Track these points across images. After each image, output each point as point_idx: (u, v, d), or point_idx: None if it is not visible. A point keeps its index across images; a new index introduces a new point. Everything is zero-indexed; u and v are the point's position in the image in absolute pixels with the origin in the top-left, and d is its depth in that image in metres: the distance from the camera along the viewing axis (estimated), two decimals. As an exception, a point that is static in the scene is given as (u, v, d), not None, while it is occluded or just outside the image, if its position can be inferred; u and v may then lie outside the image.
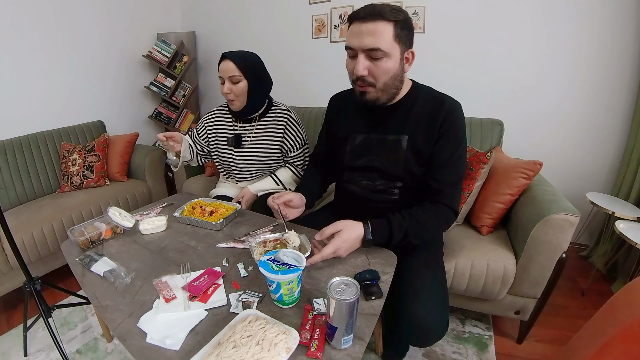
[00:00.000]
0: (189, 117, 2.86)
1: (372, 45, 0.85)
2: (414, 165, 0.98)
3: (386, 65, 0.88)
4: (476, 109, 1.82)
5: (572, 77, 1.85)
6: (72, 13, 2.24)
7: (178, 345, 0.68)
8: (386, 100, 0.96)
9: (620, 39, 1.71)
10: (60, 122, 2.17)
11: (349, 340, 0.66)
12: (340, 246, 0.86)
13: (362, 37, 0.86)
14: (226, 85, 1.31)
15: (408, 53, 0.91)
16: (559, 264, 1.14)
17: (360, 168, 1.06)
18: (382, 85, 0.91)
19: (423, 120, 0.96)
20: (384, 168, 1.02)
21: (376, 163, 1.02)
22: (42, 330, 1.43)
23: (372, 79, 0.91)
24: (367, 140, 1.04)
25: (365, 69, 0.89)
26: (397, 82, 0.94)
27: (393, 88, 0.94)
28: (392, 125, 1.00)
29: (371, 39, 0.85)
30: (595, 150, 1.90)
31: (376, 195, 1.05)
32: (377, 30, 0.84)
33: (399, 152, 0.99)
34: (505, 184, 1.34)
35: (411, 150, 0.97)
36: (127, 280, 0.87)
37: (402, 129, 0.98)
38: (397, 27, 0.85)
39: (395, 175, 1.01)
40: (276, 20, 2.57)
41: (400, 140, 0.98)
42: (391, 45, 0.86)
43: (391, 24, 0.85)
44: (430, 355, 1.30)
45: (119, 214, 1.11)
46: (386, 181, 1.03)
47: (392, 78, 0.91)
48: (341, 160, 1.11)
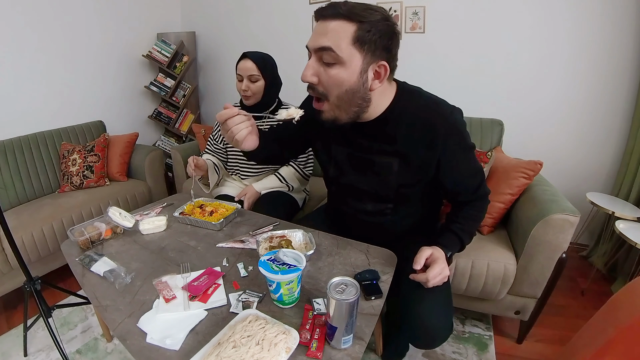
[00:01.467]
0: (189, 117, 2.86)
1: (322, 43, 0.71)
2: (408, 188, 0.90)
3: (338, 75, 0.72)
4: (476, 109, 1.82)
5: (572, 77, 1.85)
6: (72, 13, 2.24)
7: (178, 345, 0.68)
8: (348, 120, 0.79)
9: (620, 38, 1.71)
10: (60, 122, 2.17)
11: (349, 340, 0.66)
12: (444, 266, 0.81)
13: (316, 35, 0.73)
14: (244, 83, 1.37)
15: (379, 66, 0.74)
16: (559, 264, 1.14)
17: (348, 186, 0.98)
18: (336, 99, 0.75)
19: (417, 142, 0.82)
20: (373, 191, 0.94)
21: (363, 185, 0.94)
22: (42, 330, 1.43)
23: (322, 89, 0.76)
24: (351, 157, 0.92)
25: (314, 75, 0.74)
26: (358, 100, 0.76)
27: (352, 106, 0.77)
28: (380, 146, 0.86)
29: (322, 37, 0.71)
30: (595, 150, 1.90)
31: (367, 216, 1.00)
32: (333, 29, 0.70)
33: (390, 176, 0.88)
34: (506, 183, 1.34)
35: (404, 174, 0.87)
36: (127, 280, 0.87)
37: (392, 150, 0.85)
38: (362, 29, 0.69)
39: (385, 197, 0.94)
40: (276, 20, 2.57)
41: (391, 163, 0.86)
42: (348, 50, 0.70)
43: (353, 25, 0.69)
44: (430, 355, 1.30)
45: (119, 214, 1.11)
46: (376, 203, 0.97)
47: (347, 93, 0.74)
48: (326, 173, 1.04)
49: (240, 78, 1.38)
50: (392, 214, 0.98)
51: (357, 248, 0.99)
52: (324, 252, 0.97)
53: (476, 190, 0.92)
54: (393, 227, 1.02)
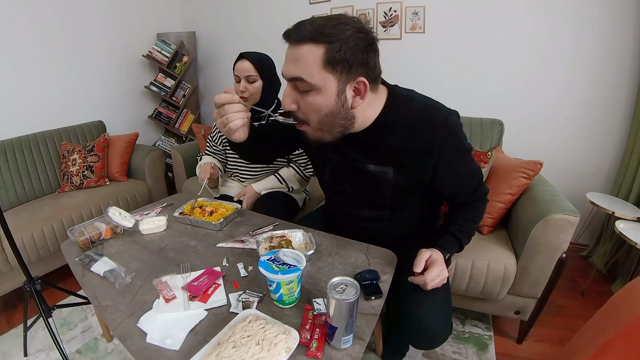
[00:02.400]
0: (189, 117, 2.86)
1: (293, 73, 0.69)
2: (403, 196, 0.89)
3: (314, 101, 0.70)
4: (476, 109, 1.82)
5: (572, 77, 1.85)
6: (72, 13, 2.24)
7: (178, 345, 0.68)
8: (333, 140, 0.78)
9: (620, 39, 1.71)
10: (60, 122, 2.17)
11: (349, 340, 0.66)
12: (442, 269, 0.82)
13: (287, 63, 0.70)
14: (242, 84, 1.35)
15: (357, 83, 0.70)
16: (559, 264, 1.14)
17: (344, 192, 0.98)
18: (317, 124, 0.74)
19: (411, 149, 0.80)
20: (368, 199, 0.93)
21: (359, 192, 0.93)
22: (42, 330, 1.43)
23: (302, 116, 0.74)
24: (346, 165, 0.90)
25: (293, 103, 0.73)
26: (340, 121, 0.74)
27: (336, 127, 0.74)
28: (373, 155, 0.84)
29: (294, 66, 0.68)
30: (595, 150, 1.90)
31: (364, 222, 1.00)
32: (301, 55, 0.67)
33: (385, 185, 0.87)
34: (506, 183, 1.34)
35: (399, 182, 0.85)
36: (127, 280, 0.87)
37: (386, 160, 0.83)
38: (331, 50, 0.65)
39: (380, 205, 0.93)
40: (276, 21, 2.57)
41: (385, 172, 0.85)
42: (319, 75, 0.67)
43: (321, 48, 0.65)
44: (430, 355, 1.30)
45: (119, 214, 1.11)
46: (372, 210, 0.96)
47: (327, 116, 0.72)
48: (321, 177, 1.02)
49: (238, 79, 1.36)
50: (389, 220, 0.97)
51: (357, 248, 0.99)
52: (324, 252, 0.97)
53: (474, 191, 0.92)
54: (390, 232, 1.01)
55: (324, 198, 1.71)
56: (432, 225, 1.09)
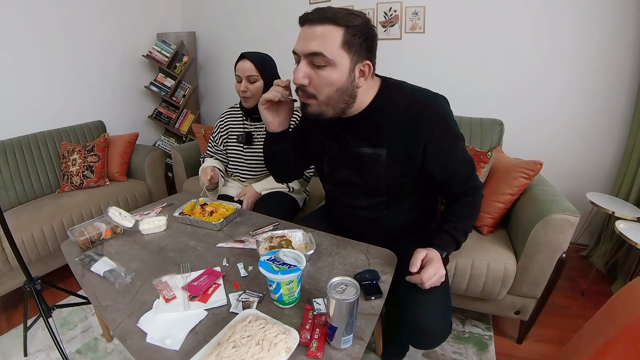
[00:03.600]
0: (189, 117, 2.86)
1: (313, 49, 0.76)
2: (397, 179, 0.92)
3: (330, 76, 0.77)
4: (476, 109, 1.82)
5: (572, 77, 1.85)
6: (72, 13, 2.24)
7: (178, 345, 0.68)
8: (334, 115, 0.84)
9: (620, 39, 1.71)
10: (60, 122, 2.17)
11: (349, 340, 0.66)
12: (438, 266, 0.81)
13: (305, 40, 0.78)
14: (243, 84, 1.36)
15: (363, 65, 0.80)
16: (559, 264, 1.14)
17: (341, 182, 1.00)
18: (325, 98, 0.80)
19: (401, 129, 0.85)
20: (364, 184, 0.95)
21: (355, 179, 0.96)
22: (42, 330, 1.43)
23: (312, 90, 0.80)
24: (342, 153, 0.96)
25: (305, 77, 0.79)
26: (346, 97, 0.82)
27: (341, 103, 0.82)
28: (366, 137, 0.90)
29: (314, 43, 0.76)
30: (595, 150, 1.90)
31: (362, 211, 1.01)
32: (323, 34, 0.75)
33: (379, 168, 0.90)
34: (506, 183, 1.34)
35: (393, 164, 0.89)
36: (127, 280, 0.87)
37: (379, 142, 0.88)
38: (348, 33, 0.75)
39: (378, 190, 0.95)
40: (276, 20, 2.57)
41: (379, 154, 0.89)
42: (337, 53, 0.76)
43: (341, 29, 0.75)
44: (430, 355, 1.30)
45: (119, 214, 1.11)
46: (369, 198, 0.98)
47: (337, 92, 0.80)
48: (321, 171, 1.06)
49: (239, 79, 1.37)
50: (387, 209, 0.98)
51: (357, 248, 0.99)
52: (324, 252, 0.97)
53: (467, 180, 0.92)
54: (389, 224, 1.02)
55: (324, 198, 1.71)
56: (429, 223, 1.10)
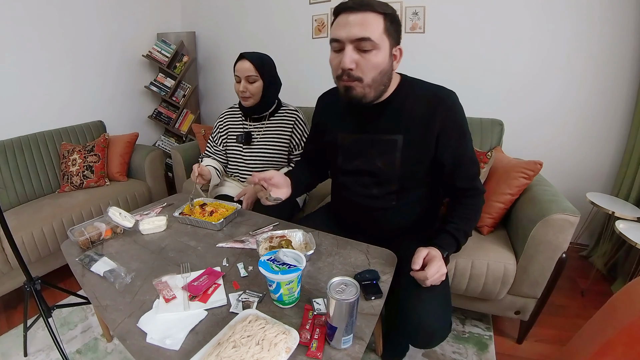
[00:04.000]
0: (189, 117, 2.86)
1: (361, 34, 0.80)
2: (412, 165, 0.95)
3: (376, 59, 0.82)
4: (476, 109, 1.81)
5: (572, 77, 1.85)
6: (72, 13, 2.24)
7: (178, 345, 0.68)
8: (373, 98, 0.89)
9: (620, 38, 1.71)
10: (60, 122, 2.17)
11: (349, 340, 0.66)
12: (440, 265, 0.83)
13: (350, 27, 0.80)
14: (242, 84, 1.35)
15: (396, 50, 0.87)
16: (559, 264, 1.14)
17: (354, 172, 1.02)
18: (370, 80, 0.85)
19: (418, 118, 0.90)
20: (378, 171, 0.97)
21: (370, 166, 0.98)
22: (42, 330, 1.43)
23: (359, 73, 0.84)
24: (359, 141, 0.99)
25: (352, 62, 0.82)
26: (386, 79, 0.88)
27: (381, 85, 0.88)
28: (385, 125, 0.94)
29: (360, 28, 0.80)
30: (595, 150, 1.90)
31: (372, 201, 1.02)
32: (367, 20, 0.80)
33: (395, 153, 0.94)
34: (506, 183, 1.34)
35: (408, 150, 0.93)
36: (127, 280, 0.87)
37: (396, 128, 0.93)
38: (387, 20, 0.82)
39: (391, 178, 0.97)
40: (276, 20, 2.57)
41: (395, 140, 0.93)
42: (381, 37, 0.81)
43: (381, 16, 0.81)
44: (430, 355, 1.30)
45: (119, 214, 1.11)
46: (381, 188, 0.99)
47: (380, 74, 0.85)
48: (334, 163, 1.07)
49: (238, 79, 1.37)
50: (397, 200, 1.00)
51: (357, 248, 0.99)
52: (324, 252, 0.97)
53: (472, 179, 0.95)
54: (395, 216, 1.03)
55: (324, 198, 1.72)
56: (432, 222, 1.11)
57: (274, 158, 1.49)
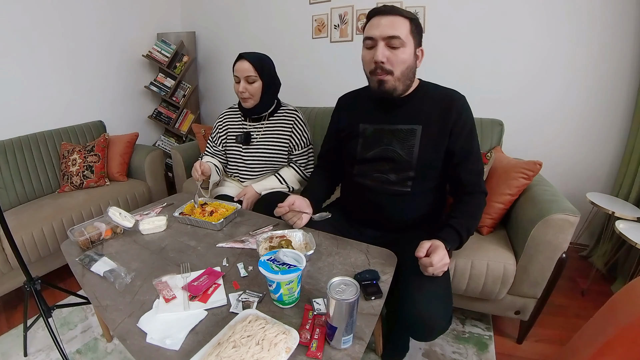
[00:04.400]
0: (189, 117, 2.86)
1: (392, 33, 0.93)
2: (429, 153, 1.02)
3: (403, 55, 0.95)
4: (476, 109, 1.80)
5: (572, 77, 1.85)
6: (72, 13, 2.24)
7: (178, 345, 0.68)
8: (402, 91, 1.01)
9: (620, 39, 1.71)
10: (60, 122, 2.17)
11: (349, 340, 0.66)
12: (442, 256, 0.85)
13: (383, 27, 0.94)
14: (242, 85, 1.35)
15: (419, 50, 1.00)
16: (559, 264, 1.14)
17: (373, 159, 1.09)
18: (400, 74, 0.97)
19: (435, 112, 1.02)
20: (396, 157, 1.04)
21: (389, 153, 1.05)
22: (42, 330, 1.43)
23: (390, 67, 0.96)
24: (379, 131, 1.08)
25: (384, 56, 0.95)
26: (412, 75, 1.00)
27: (408, 79, 1.00)
28: (404, 116, 1.05)
29: (391, 28, 0.94)
30: (595, 150, 1.89)
31: (388, 187, 1.07)
32: (396, 22, 0.94)
33: (414, 141, 1.03)
34: (505, 184, 1.34)
35: (426, 139, 1.02)
36: (127, 280, 0.87)
37: (415, 119, 1.03)
38: (412, 23, 0.95)
39: (408, 164, 1.03)
40: (276, 20, 2.57)
41: (414, 129, 1.03)
42: (407, 37, 0.94)
43: (407, 20, 0.95)
44: (430, 355, 1.30)
45: (119, 214, 1.12)
46: (398, 173, 1.05)
47: (407, 69, 0.98)
48: (353, 154, 1.13)
49: (238, 79, 1.36)
50: (412, 186, 1.05)
51: (357, 248, 0.99)
52: (324, 252, 0.97)
53: (478, 174, 1.03)
54: (409, 206, 1.08)
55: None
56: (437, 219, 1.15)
57: (274, 158, 1.49)
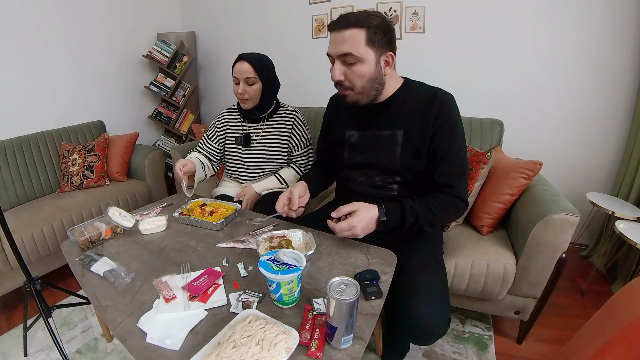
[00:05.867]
0: (189, 117, 2.86)
1: (344, 50, 0.90)
2: (410, 159, 1.00)
3: (360, 70, 0.92)
4: (476, 109, 1.82)
5: (572, 77, 1.85)
6: (72, 13, 2.24)
7: (178, 345, 0.68)
8: (367, 102, 0.99)
9: (620, 39, 1.71)
10: (60, 122, 2.17)
11: (349, 340, 0.66)
12: (356, 225, 0.88)
13: (335, 44, 0.92)
14: (241, 86, 1.34)
15: (387, 56, 0.94)
16: (559, 264, 1.14)
17: (359, 165, 1.09)
18: (360, 88, 0.95)
19: (416, 115, 0.98)
20: (381, 164, 1.04)
21: (373, 160, 1.05)
22: (42, 330, 1.43)
23: (348, 83, 0.95)
24: (363, 137, 1.07)
25: (341, 74, 0.94)
26: (376, 85, 0.96)
27: (372, 90, 0.97)
28: (386, 122, 1.02)
29: (344, 45, 0.90)
30: (595, 150, 1.90)
31: (374, 191, 1.07)
32: (349, 37, 0.89)
33: (395, 147, 1.01)
34: (505, 184, 1.34)
35: (407, 144, 0.99)
36: (127, 280, 0.87)
37: (396, 125, 1.01)
38: (370, 32, 0.89)
39: (392, 170, 1.03)
40: (276, 20, 2.57)
41: (396, 135, 1.01)
42: (364, 50, 0.90)
43: (363, 30, 0.89)
44: (430, 355, 1.30)
45: (119, 214, 1.11)
46: (384, 176, 1.05)
47: (369, 81, 0.94)
48: (340, 159, 1.14)
49: (237, 81, 1.35)
50: (399, 190, 1.05)
51: (357, 248, 0.99)
52: (324, 252, 0.97)
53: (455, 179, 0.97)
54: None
55: (324, 198, 1.72)
56: None
57: (273, 159, 1.49)
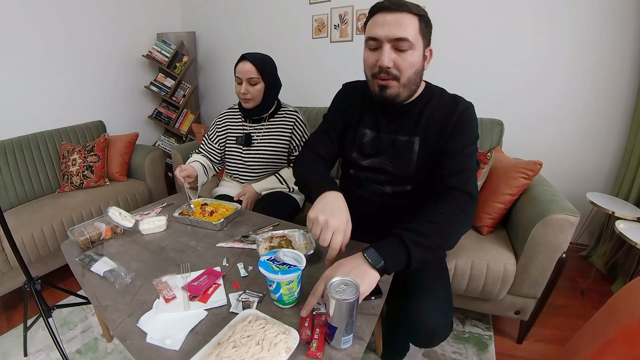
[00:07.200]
0: (189, 117, 2.86)
1: (399, 34, 0.81)
2: (426, 167, 0.93)
3: (412, 58, 0.84)
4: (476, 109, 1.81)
5: (572, 77, 1.85)
6: (72, 13, 2.24)
7: (178, 345, 0.68)
8: (406, 98, 0.91)
9: (620, 38, 1.71)
10: (60, 122, 2.18)
11: (349, 340, 0.66)
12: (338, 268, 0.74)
13: (389, 26, 0.82)
14: (243, 86, 1.34)
15: (427, 51, 0.89)
16: (559, 264, 1.14)
17: (369, 168, 1.02)
18: (406, 80, 0.87)
19: (436, 122, 0.92)
20: (394, 171, 0.97)
21: (386, 166, 0.98)
22: (42, 330, 1.43)
23: (396, 72, 0.86)
24: (377, 139, 0.99)
25: (391, 61, 0.84)
26: (418, 79, 0.90)
27: (414, 85, 0.90)
28: (404, 126, 0.96)
29: (398, 28, 0.81)
30: (595, 150, 1.90)
31: (384, 200, 1.01)
32: (404, 21, 0.82)
33: (411, 154, 0.95)
34: (505, 184, 1.34)
35: (424, 152, 0.93)
36: (127, 280, 0.87)
37: (414, 131, 0.94)
38: (422, 21, 0.84)
39: (405, 177, 0.97)
40: (276, 20, 2.57)
41: (413, 142, 0.94)
42: (416, 38, 0.83)
43: (416, 18, 0.83)
44: (430, 355, 1.30)
45: (119, 214, 1.11)
46: (395, 186, 0.99)
47: (415, 73, 0.87)
48: (348, 154, 1.06)
49: (239, 81, 1.35)
50: (410, 199, 0.98)
51: (357, 248, 0.98)
52: (324, 252, 0.96)
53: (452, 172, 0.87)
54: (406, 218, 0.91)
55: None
56: None
57: (274, 159, 1.49)
